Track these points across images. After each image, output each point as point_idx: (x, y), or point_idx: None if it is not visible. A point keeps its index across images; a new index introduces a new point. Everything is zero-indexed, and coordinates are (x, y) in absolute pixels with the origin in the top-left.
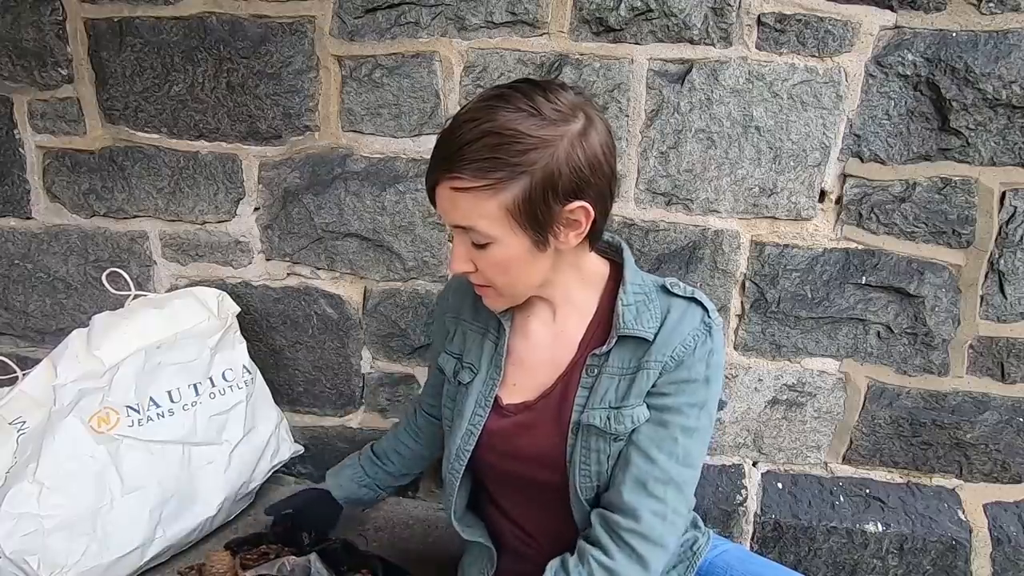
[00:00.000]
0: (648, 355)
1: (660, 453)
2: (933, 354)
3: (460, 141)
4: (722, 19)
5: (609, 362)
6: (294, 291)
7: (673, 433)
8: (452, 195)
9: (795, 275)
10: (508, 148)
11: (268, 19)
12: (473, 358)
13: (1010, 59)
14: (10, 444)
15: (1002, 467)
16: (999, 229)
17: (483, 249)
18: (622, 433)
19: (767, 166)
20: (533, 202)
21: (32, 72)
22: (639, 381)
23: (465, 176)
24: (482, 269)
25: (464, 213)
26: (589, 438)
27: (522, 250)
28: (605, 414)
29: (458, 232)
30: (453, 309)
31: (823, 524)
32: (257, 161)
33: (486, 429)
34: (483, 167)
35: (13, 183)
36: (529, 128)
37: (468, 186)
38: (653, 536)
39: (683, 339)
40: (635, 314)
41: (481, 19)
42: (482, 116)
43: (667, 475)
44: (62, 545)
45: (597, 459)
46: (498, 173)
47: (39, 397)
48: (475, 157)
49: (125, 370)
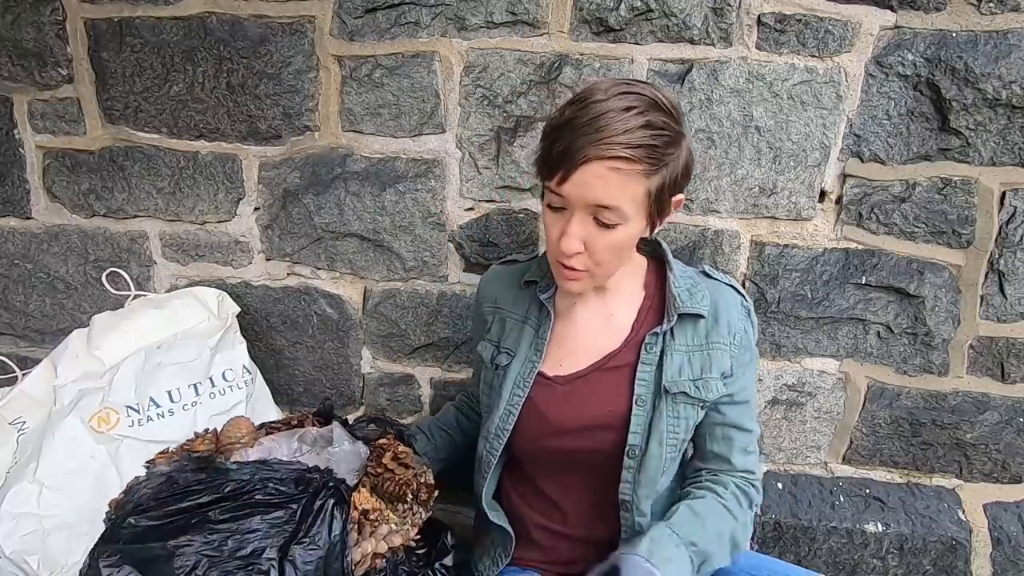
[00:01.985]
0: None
1: (750, 422)
2: (933, 354)
3: (625, 125)
4: (722, 19)
5: (675, 339)
6: (294, 291)
7: (751, 404)
8: (605, 172)
9: (795, 275)
10: (661, 138)
11: (268, 19)
12: (511, 343)
13: (1010, 59)
14: (10, 444)
15: (1002, 467)
16: (999, 229)
17: (608, 230)
18: (709, 400)
19: (767, 166)
20: (665, 189)
21: (32, 72)
22: (716, 360)
23: (629, 157)
24: (594, 250)
25: (614, 191)
26: (677, 407)
27: (638, 232)
28: (692, 384)
29: (584, 211)
30: (491, 300)
31: (823, 524)
32: (257, 161)
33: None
34: (646, 152)
35: (13, 183)
36: (671, 123)
37: (628, 167)
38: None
39: (734, 323)
40: (689, 295)
41: (481, 19)
42: (635, 106)
43: (754, 434)
44: (62, 545)
45: (685, 426)
46: (655, 159)
47: (39, 397)
48: (640, 142)
49: (125, 370)
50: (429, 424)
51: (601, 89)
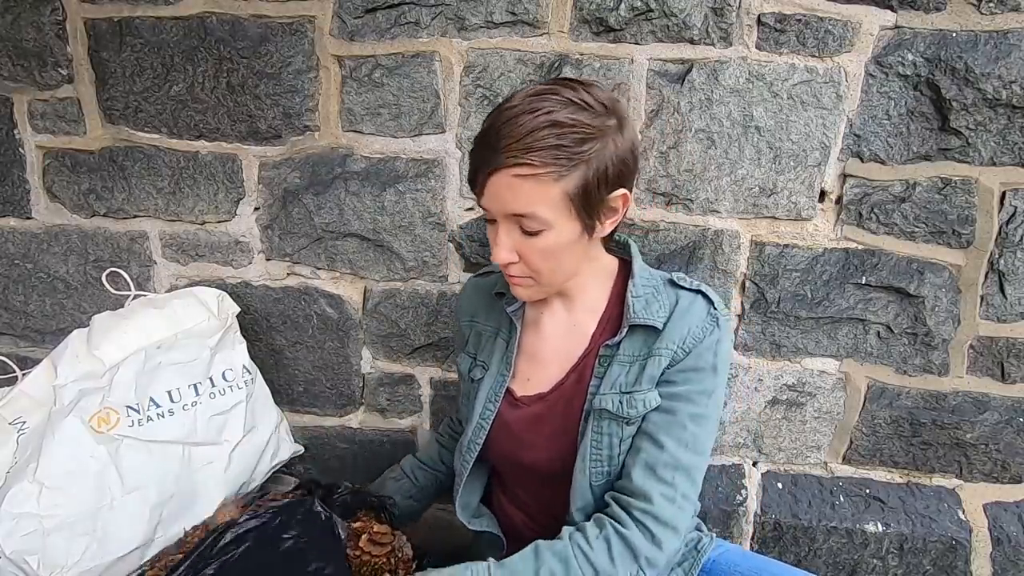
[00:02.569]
0: (658, 342)
1: (669, 439)
2: (933, 354)
3: (523, 130)
4: (722, 19)
5: (620, 351)
6: (294, 291)
7: (681, 420)
8: (512, 182)
9: (795, 275)
10: (569, 137)
11: (268, 19)
12: (485, 356)
13: (1010, 59)
14: (10, 444)
15: (1002, 467)
16: (999, 229)
17: (533, 237)
18: (634, 417)
19: (767, 166)
20: (589, 190)
21: (32, 72)
22: (650, 367)
23: (531, 163)
24: (527, 258)
25: (525, 199)
26: (601, 423)
27: (572, 237)
28: (617, 399)
29: (507, 221)
30: (468, 313)
31: (823, 524)
32: (257, 161)
33: (502, 421)
34: (550, 155)
35: (13, 183)
36: (584, 119)
37: (533, 172)
38: (664, 517)
39: (692, 330)
40: (644, 304)
41: (481, 19)
42: (540, 107)
43: (676, 460)
44: (62, 545)
45: (609, 443)
46: (563, 160)
47: (39, 397)
48: (542, 145)
49: (125, 370)
50: (412, 466)
51: (516, 96)
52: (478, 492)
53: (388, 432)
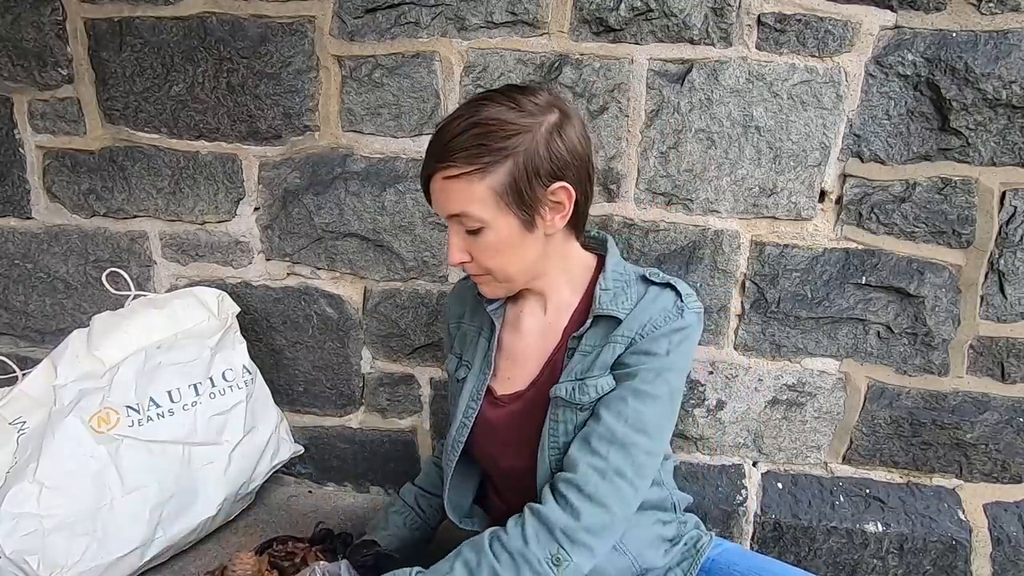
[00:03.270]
0: (617, 331)
1: (607, 412)
2: (933, 354)
3: (449, 135)
4: (722, 19)
5: (583, 342)
6: (294, 291)
7: (623, 393)
8: (444, 184)
9: (795, 275)
10: (493, 135)
11: (268, 19)
12: (470, 356)
13: (1010, 59)
14: (10, 444)
15: (1002, 467)
16: (999, 229)
17: (477, 235)
18: (586, 404)
19: (767, 166)
20: (518, 182)
21: (32, 72)
22: (604, 353)
23: (456, 164)
24: (477, 257)
25: (457, 200)
26: (557, 410)
27: (512, 231)
28: (571, 386)
29: (452, 223)
30: (455, 315)
31: (823, 524)
32: (257, 161)
33: (484, 419)
34: (471, 153)
35: (13, 183)
36: (510, 117)
37: (458, 172)
38: (587, 489)
39: (652, 318)
40: (612, 297)
41: (481, 19)
42: (467, 112)
43: (611, 432)
44: (62, 545)
45: (565, 430)
46: (485, 158)
47: (40, 397)
48: (464, 146)
49: (125, 370)
50: (415, 496)
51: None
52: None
53: (388, 432)
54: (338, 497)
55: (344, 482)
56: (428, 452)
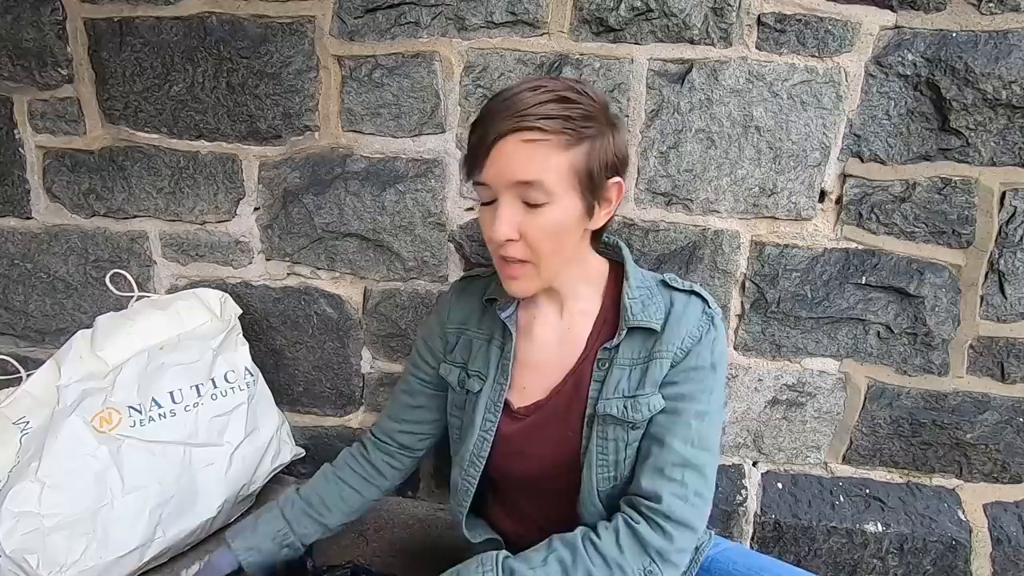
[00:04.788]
0: (658, 345)
1: (674, 439)
2: (933, 354)
3: (533, 100)
4: (722, 19)
5: (620, 354)
6: (294, 291)
7: (686, 419)
8: (522, 147)
9: (795, 275)
10: (576, 110)
11: (268, 19)
12: (480, 365)
13: (1010, 59)
14: (13, 443)
15: (1002, 467)
16: (999, 229)
17: (536, 210)
18: (639, 421)
19: (767, 166)
20: (591, 166)
21: (32, 72)
22: (652, 371)
23: (541, 127)
24: (528, 235)
25: (535, 165)
26: (606, 428)
27: (573, 215)
28: (621, 403)
29: (509, 192)
30: (457, 320)
31: (823, 524)
32: (257, 161)
33: (500, 434)
34: (559, 123)
35: (13, 183)
36: (588, 104)
37: (543, 138)
38: (675, 516)
39: (689, 330)
40: (641, 307)
41: (481, 19)
42: (546, 85)
43: (683, 458)
44: (62, 544)
45: (615, 448)
46: (571, 130)
47: (43, 397)
48: (551, 114)
49: (128, 371)
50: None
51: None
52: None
53: None
54: None
55: None
56: None
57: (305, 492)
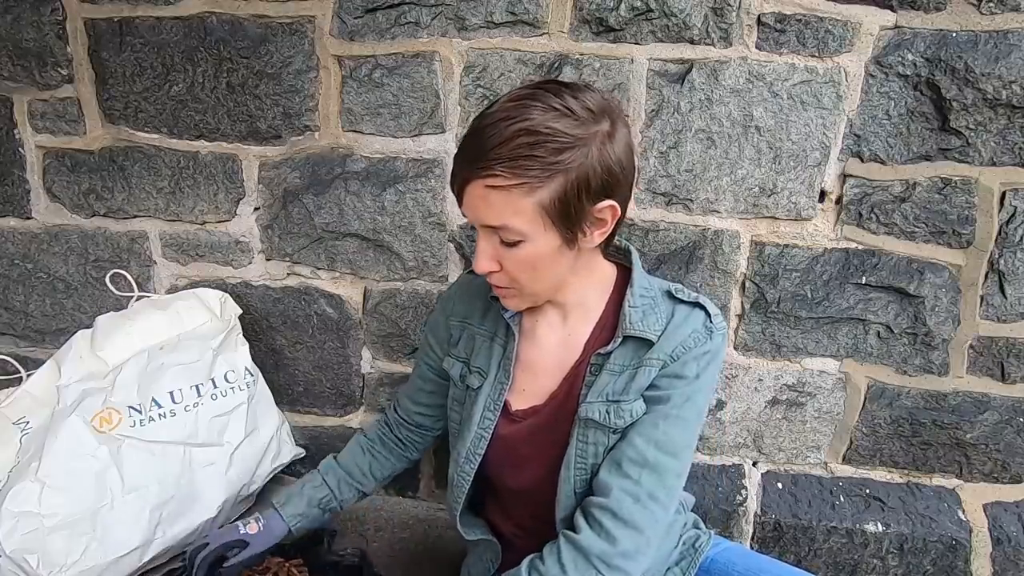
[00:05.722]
0: (650, 353)
1: (638, 436)
2: (933, 354)
3: (495, 140)
4: (722, 19)
5: (611, 360)
6: (294, 291)
7: (654, 418)
8: (485, 193)
9: (795, 275)
10: (544, 147)
11: (268, 19)
12: (482, 362)
13: (1010, 59)
14: (13, 443)
15: (1002, 467)
16: (999, 229)
17: (512, 247)
18: (620, 427)
19: (767, 166)
20: (567, 201)
21: (32, 72)
22: (639, 377)
23: (502, 174)
24: (508, 268)
25: (498, 212)
26: (587, 431)
27: (552, 248)
28: (604, 408)
29: (486, 231)
30: (460, 314)
31: (823, 524)
32: (257, 161)
33: (496, 434)
34: (520, 165)
35: (13, 183)
36: (564, 127)
37: (504, 184)
38: (622, 514)
39: (683, 340)
40: (641, 316)
41: (481, 19)
42: (517, 115)
43: (642, 457)
44: (62, 544)
45: (595, 452)
46: (534, 172)
47: (43, 397)
48: (512, 155)
49: (128, 371)
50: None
51: (500, 101)
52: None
53: None
54: None
55: None
56: (428, 452)
57: (344, 462)
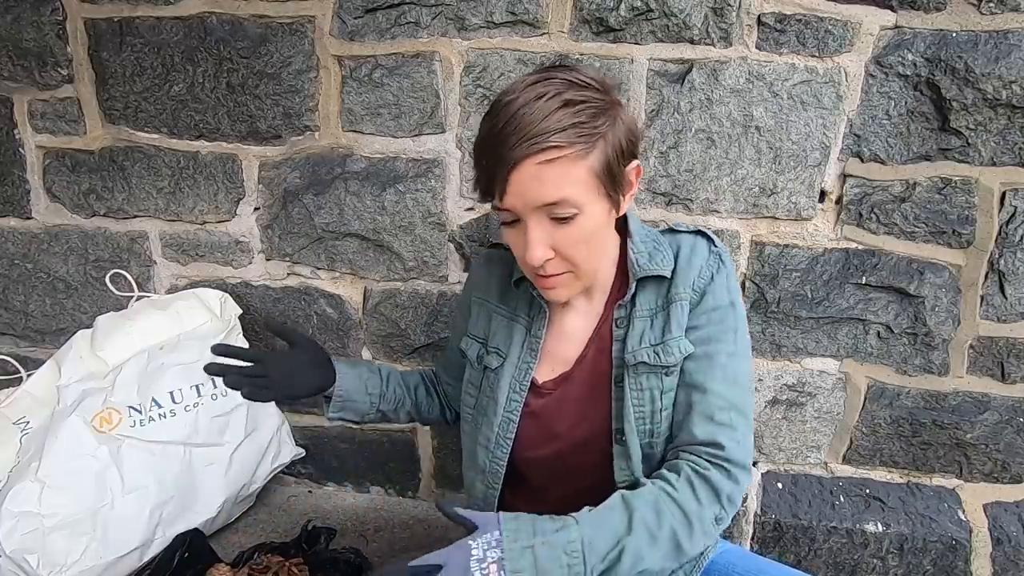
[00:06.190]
0: (673, 289)
1: (714, 382)
2: (933, 354)
3: (539, 116)
4: (722, 19)
5: (637, 306)
6: (294, 291)
7: (720, 360)
8: (538, 171)
9: (795, 275)
10: (585, 113)
11: (268, 19)
12: (500, 342)
13: (1010, 59)
14: (13, 443)
15: (1002, 467)
16: (999, 229)
17: (566, 224)
18: (672, 365)
19: (767, 166)
20: (611, 164)
21: (32, 72)
22: (675, 314)
23: (558, 144)
24: (563, 248)
25: (554, 185)
26: (639, 378)
27: (603, 217)
28: (651, 350)
29: (536, 215)
30: (480, 290)
31: (823, 524)
32: (257, 161)
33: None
34: (571, 134)
35: (13, 183)
36: (591, 95)
37: (559, 155)
38: (737, 459)
39: (699, 270)
40: (648, 257)
41: (481, 19)
42: (546, 91)
43: (728, 401)
44: (62, 544)
45: (651, 397)
46: (584, 137)
47: (43, 397)
48: (561, 126)
49: (128, 371)
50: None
51: (511, 90)
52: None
53: (388, 432)
54: (338, 497)
55: (344, 482)
56: (428, 452)
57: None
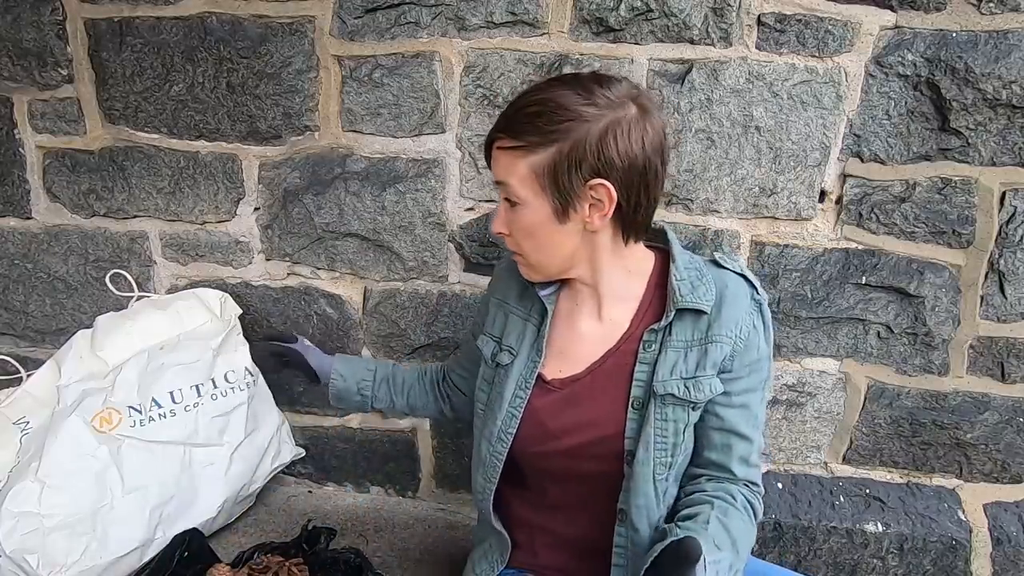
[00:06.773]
0: (714, 328)
1: (753, 431)
2: (933, 354)
3: (511, 109)
4: (722, 19)
5: (672, 335)
6: (294, 291)
7: (755, 411)
8: (497, 153)
9: (795, 275)
10: (547, 117)
11: (268, 19)
12: (513, 341)
13: (1010, 59)
14: (13, 444)
15: (1002, 467)
16: (999, 229)
17: (514, 209)
18: (700, 401)
19: (767, 166)
20: (557, 169)
21: (32, 72)
22: (712, 353)
23: (506, 136)
24: (513, 232)
25: (504, 168)
26: (666, 408)
27: (544, 216)
28: (682, 384)
29: (500, 191)
30: (500, 292)
31: (823, 524)
32: (257, 161)
33: (532, 407)
34: (521, 130)
35: (13, 183)
36: (571, 103)
37: (510, 145)
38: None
39: (743, 318)
40: (690, 288)
41: (481, 19)
42: (538, 90)
43: (758, 445)
44: (62, 544)
45: (675, 430)
46: (532, 137)
47: (43, 397)
48: (519, 121)
49: (128, 371)
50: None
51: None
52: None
53: (388, 432)
54: (338, 497)
55: (344, 482)
56: (428, 452)
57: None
